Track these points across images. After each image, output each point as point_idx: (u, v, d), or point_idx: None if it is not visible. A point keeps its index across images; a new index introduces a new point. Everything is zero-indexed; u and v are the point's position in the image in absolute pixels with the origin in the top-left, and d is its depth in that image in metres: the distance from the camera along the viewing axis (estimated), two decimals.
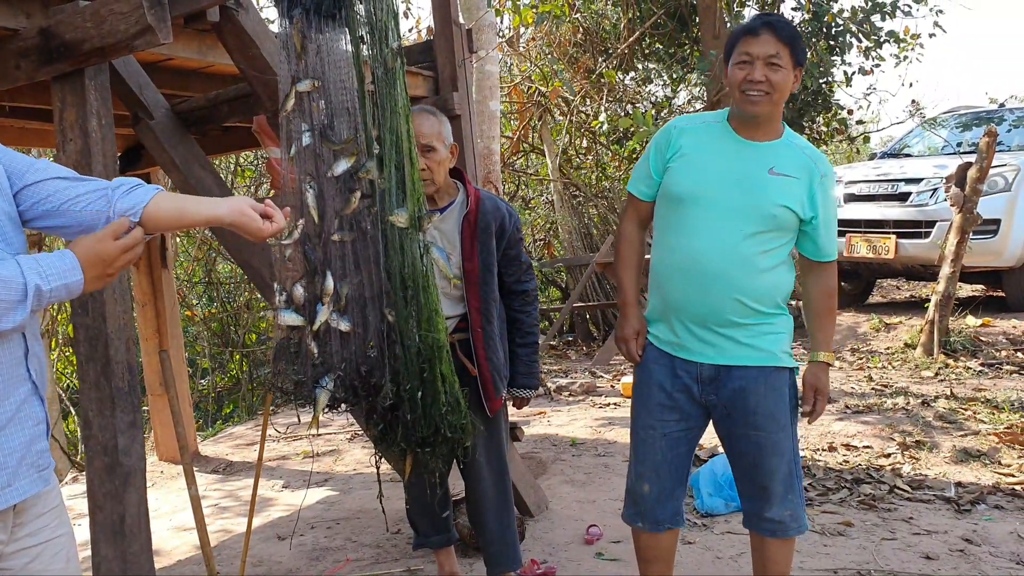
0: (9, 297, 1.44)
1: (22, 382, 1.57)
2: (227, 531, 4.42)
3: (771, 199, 2.40)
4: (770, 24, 2.38)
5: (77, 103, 2.91)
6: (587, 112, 11.30)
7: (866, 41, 9.95)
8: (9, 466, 1.52)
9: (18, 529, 1.56)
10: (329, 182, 2.37)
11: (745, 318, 2.45)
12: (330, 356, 2.32)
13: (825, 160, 2.51)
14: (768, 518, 2.54)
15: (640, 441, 2.62)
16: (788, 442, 2.51)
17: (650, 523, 2.63)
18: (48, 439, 1.65)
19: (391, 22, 2.41)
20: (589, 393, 6.76)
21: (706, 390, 2.51)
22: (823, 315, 2.59)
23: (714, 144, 2.49)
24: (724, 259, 2.41)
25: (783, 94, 2.39)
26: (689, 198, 2.46)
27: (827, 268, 2.56)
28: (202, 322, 10.56)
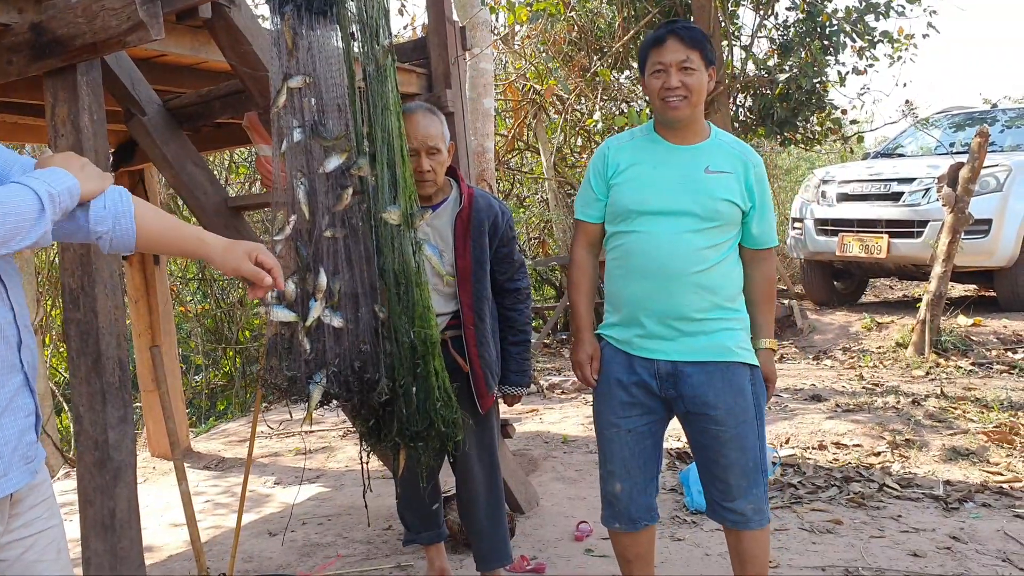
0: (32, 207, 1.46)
1: (15, 372, 1.57)
2: (219, 527, 4.43)
3: (712, 195, 2.49)
4: (674, 31, 2.49)
5: (69, 99, 2.91)
6: (582, 110, 11.30)
7: (860, 41, 9.95)
8: (4, 456, 1.53)
9: (13, 520, 1.58)
10: (320, 178, 2.38)
11: (702, 313, 2.50)
12: (323, 352, 2.33)
13: (753, 152, 2.62)
14: (730, 509, 2.57)
15: (606, 440, 2.65)
16: (750, 437, 2.54)
17: (626, 522, 2.65)
18: (39, 431, 1.65)
19: (382, 19, 2.42)
20: (581, 391, 6.76)
21: (665, 385, 2.55)
22: (764, 302, 2.66)
23: (649, 155, 2.59)
24: (678, 256, 2.49)
25: (700, 95, 2.50)
26: (636, 208, 2.55)
27: (766, 256, 2.65)
28: (195, 319, 10.56)
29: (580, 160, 11.96)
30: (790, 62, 10.03)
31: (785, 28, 10.54)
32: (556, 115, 11.22)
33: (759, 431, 2.55)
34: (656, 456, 2.66)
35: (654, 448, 2.64)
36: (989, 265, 7.53)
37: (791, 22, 10.48)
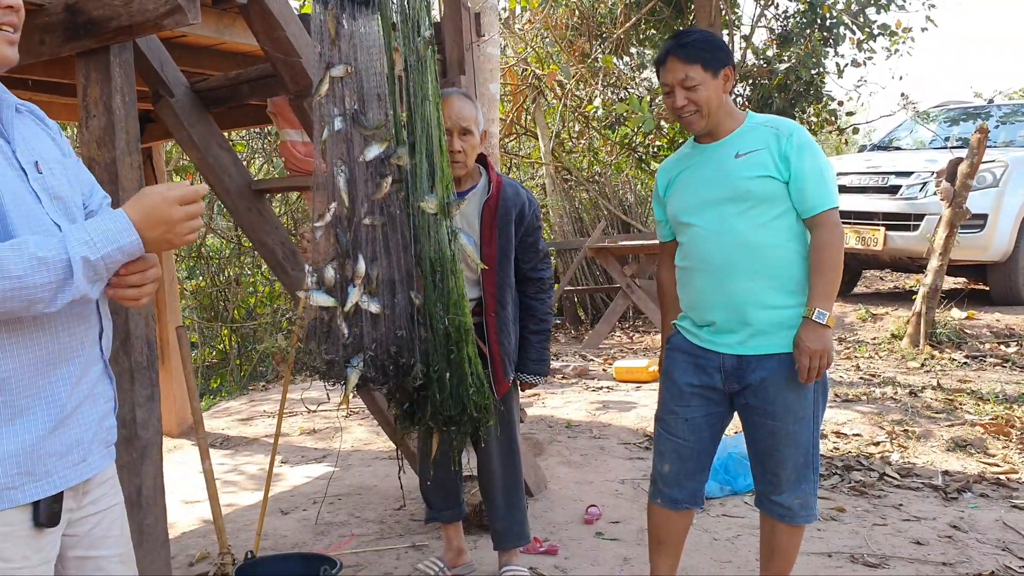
0: (52, 278, 1.37)
1: (96, 361, 1.61)
2: (230, 505, 4.48)
3: (740, 175, 2.52)
4: (672, 50, 2.55)
5: (101, 80, 2.93)
6: (581, 96, 11.32)
7: (859, 33, 10.04)
8: (85, 441, 1.58)
9: (83, 497, 1.62)
10: (360, 167, 2.42)
11: (764, 301, 2.52)
12: (360, 337, 2.38)
13: (788, 123, 2.58)
14: (777, 502, 2.63)
15: (664, 425, 2.72)
16: (805, 434, 2.56)
17: (668, 501, 2.73)
18: (115, 415, 1.70)
19: (423, 11, 2.45)
20: (582, 376, 6.85)
21: (729, 379, 2.60)
22: (816, 270, 2.51)
23: (689, 163, 2.68)
24: (727, 249, 2.53)
25: (712, 104, 2.55)
26: (682, 213, 2.64)
27: (816, 222, 2.52)
28: (191, 296, 10.56)
29: (578, 146, 12.00)
30: (789, 53, 10.10)
31: (785, 19, 10.60)
32: (555, 100, 11.24)
33: (814, 428, 2.58)
34: (711, 448, 2.72)
35: (711, 440, 2.70)
36: (983, 259, 7.64)
37: (791, 13, 10.55)
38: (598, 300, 10.15)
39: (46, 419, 1.50)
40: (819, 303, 2.47)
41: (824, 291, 2.49)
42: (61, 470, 1.53)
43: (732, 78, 2.59)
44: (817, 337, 2.45)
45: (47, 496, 1.50)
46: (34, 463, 1.48)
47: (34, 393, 1.48)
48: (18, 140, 1.56)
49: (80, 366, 1.56)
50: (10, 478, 1.45)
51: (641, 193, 11.48)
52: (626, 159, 11.46)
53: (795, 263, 2.53)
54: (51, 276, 1.37)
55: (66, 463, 1.54)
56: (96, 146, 2.95)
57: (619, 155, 11.56)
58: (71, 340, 1.54)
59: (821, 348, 2.44)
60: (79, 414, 1.56)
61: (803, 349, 2.45)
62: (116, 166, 2.87)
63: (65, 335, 1.52)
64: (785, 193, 2.51)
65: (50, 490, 1.51)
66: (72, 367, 1.54)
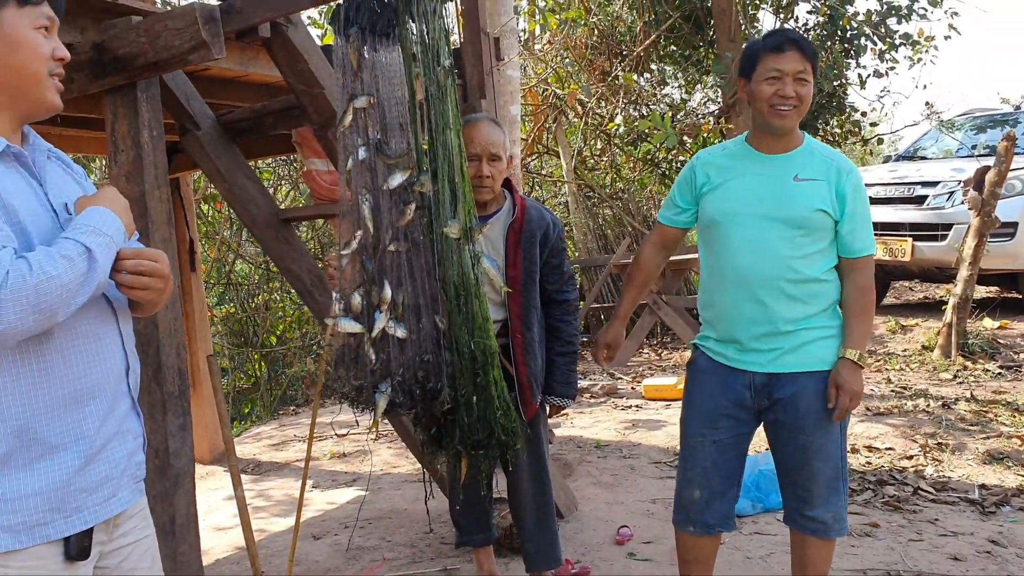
0: (82, 268, 1.44)
1: (124, 397, 1.65)
2: (262, 531, 4.51)
3: (799, 203, 2.51)
4: (795, 41, 2.52)
5: (129, 115, 2.99)
6: (602, 114, 11.36)
7: (881, 44, 9.99)
8: (114, 477, 1.61)
9: (114, 530, 1.66)
10: (384, 195, 2.45)
11: (794, 324, 2.54)
12: (387, 362, 2.41)
13: (847, 160, 2.60)
14: (810, 516, 2.61)
15: (690, 448, 2.70)
16: (834, 447, 2.57)
17: (700, 527, 2.71)
18: (145, 451, 1.74)
19: (443, 41, 2.49)
20: (610, 395, 6.83)
21: (759, 396, 2.60)
22: (855, 313, 2.56)
23: (739, 165, 2.64)
24: (767, 268, 2.53)
25: (807, 107, 2.54)
26: (725, 219, 2.61)
27: (858, 264, 2.56)
28: (222, 322, 10.67)
29: (600, 163, 12.02)
30: None
31: (805, 31, 10.57)
32: (576, 119, 11.28)
33: (843, 441, 2.58)
34: (739, 467, 2.72)
35: (738, 459, 2.70)
36: (1015, 268, 7.55)
37: (811, 25, 10.52)
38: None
39: (76, 456, 1.54)
40: (860, 345, 2.54)
41: (865, 332, 2.57)
42: (91, 506, 1.56)
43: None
44: (856, 378, 2.52)
45: (77, 532, 1.54)
46: (64, 499, 1.52)
47: (64, 430, 1.52)
48: (49, 183, 1.62)
49: (107, 403, 1.60)
50: (41, 514, 1.49)
51: None
52: (649, 175, 11.46)
53: (831, 293, 2.58)
54: (80, 267, 1.44)
55: (96, 499, 1.58)
56: (125, 180, 3.01)
57: (642, 171, 11.57)
58: (98, 377, 1.58)
59: (859, 389, 2.52)
60: (108, 450, 1.60)
61: (845, 390, 2.50)
62: (145, 200, 2.92)
63: (92, 372, 1.56)
64: (832, 229, 2.54)
65: (80, 526, 1.54)
66: (100, 404, 1.58)
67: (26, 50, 1.53)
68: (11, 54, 1.52)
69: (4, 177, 1.51)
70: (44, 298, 1.39)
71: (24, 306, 1.37)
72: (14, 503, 1.47)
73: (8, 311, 1.36)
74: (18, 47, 1.52)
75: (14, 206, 1.49)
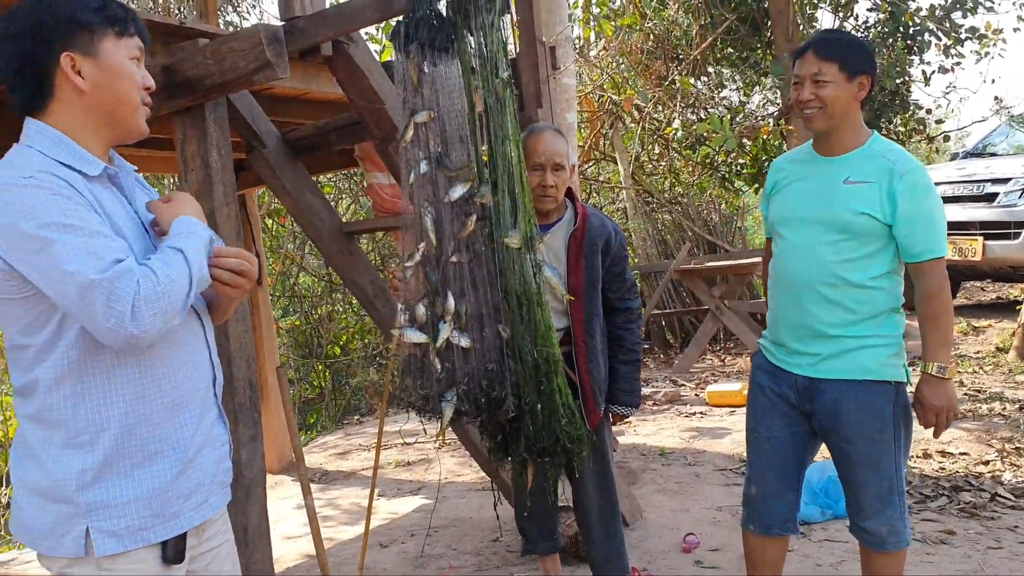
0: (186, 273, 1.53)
1: (212, 406, 1.73)
2: (330, 539, 4.58)
3: (844, 206, 2.46)
4: (813, 43, 2.51)
5: (198, 136, 3.09)
6: (660, 119, 11.30)
7: (946, 39, 9.75)
8: (205, 483, 1.69)
9: (202, 534, 1.74)
10: (446, 207, 2.49)
11: (837, 329, 2.50)
12: (452, 371, 2.44)
13: (908, 159, 2.47)
14: (864, 528, 2.58)
15: (748, 444, 2.76)
16: (885, 457, 2.50)
17: (759, 526, 2.72)
18: (231, 458, 1.81)
19: (501, 54, 2.51)
20: (673, 402, 6.78)
21: (802, 399, 2.59)
22: (922, 321, 2.47)
23: (800, 170, 2.64)
24: (809, 272, 2.52)
25: (838, 106, 2.47)
26: (779, 223, 2.64)
27: (922, 269, 2.45)
28: (287, 334, 10.88)
29: (658, 168, 11.95)
30: None
31: (866, 29, 10.38)
32: (633, 124, 11.24)
33: (897, 452, 2.51)
34: (796, 468, 2.69)
35: (795, 460, 2.67)
36: None
37: (871, 23, 10.33)
38: (687, 323, 10.03)
39: (173, 463, 1.62)
40: (937, 356, 2.42)
41: (940, 341, 2.43)
42: (186, 511, 1.64)
43: (868, 88, 2.50)
44: (939, 392, 2.42)
45: (174, 536, 1.61)
46: (164, 504, 1.60)
47: (163, 438, 1.60)
48: (138, 203, 1.71)
49: (198, 412, 1.67)
50: (143, 519, 1.58)
51: (726, 212, 11.35)
52: (708, 179, 11.35)
53: (878, 300, 2.49)
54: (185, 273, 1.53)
55: (190, 504, 1.65)
56: (195, 199, 3.11)
57: (701, 175, 11.47)
58: (190, 387, 1.65)
59: (945, 404, 2.41)
60: (200, 458, 1.67)
61: (927, 407, 2.43)
62: (215, 217, 3.01)
63: (185, 382, 1.64)
64: (884, 233, 2.45)
65: (177, 530, 1.62)
66: (192, 413, 1.66)
67: (125, 79, 1.62)
68: (113, 83, 1.60)
69: (104, 196, 1.60)
70: (169, 301, 1.48)
71: (156, 310, 1.46)
72: (119, 508, 1.56)
73: (144, 315, 1.44)
74: (118, 76, 1.61)
75: (118, 224, 1.58)
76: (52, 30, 1.56)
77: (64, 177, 1.51)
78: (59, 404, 1.55)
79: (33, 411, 1.57)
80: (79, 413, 1.54)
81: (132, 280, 1.44)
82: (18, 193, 1.46)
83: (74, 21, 1.57)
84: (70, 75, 1.57)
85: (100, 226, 1.50)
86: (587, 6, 10.22)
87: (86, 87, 1.58)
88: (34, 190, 1.46)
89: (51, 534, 1.56)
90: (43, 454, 1.56)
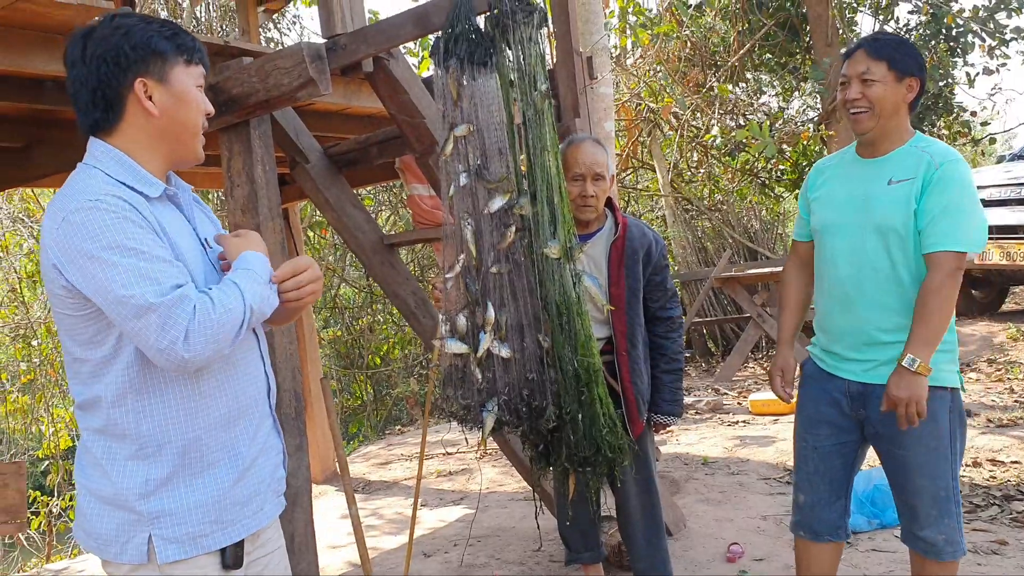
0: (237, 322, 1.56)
1: (267, 416, 1.78)
2: (374, 548, 4.62)
3: (890, 208, 2.43)
4: (863, 43, 2.48)
5: (243, 152, 3.15)
6: (698, 126, 11.25)
7: (990, 40, 9.60)
8: (261, 491, 1.74)
9: (256, 540, 1.78)
10: (485, 218, 2.51)
11: (890, 335, 2.46)
12: (493, 381, 2.46)
13: (948, 151, 2.41)
14: (921, 537, 2.53)
15: (797, 451, 2.74)
16: (941, 465, 2.46)
17: (808, 532, 2.71)
18: (286, 466, 1.85)
19: (539, 66, 2.54)
20: (716, 411, 6.74)
21: (855, 405, 2.56)
22: (918, 314, 2.36)
23: (843, 173, 2.61)
24: (860, 277, 2.49)
25: (886, 106, 2.43)
26: (824, 228, 2.60)
27: (931, 260, 2.35)
28: (329, 345, 11.00)
29: (697, 175, 11.91)
30: None
31: (907, 31, 10.26)
32: (671, 132, 11.21)
33: (953, 459, 2.47)
34: (845, 476, 2.67)
35: (843, 468, 2.65)
36: None
37: (913, 25, 10.20)
38: (728, 331, 9.97)
39: (231, 471, 1.67)
40: (914, 349, 2.33)
41: (924, 337, 2.34)
42: (243, 519, 1.69)
43: (916, 92, 2.46)
44: (905, 384, 2.33)
45: (233, 543, 1.66)
46: (222, 512, 1.65)
47: (221, 448, 1.65)
48: (196, 221, 1.77)
49: (255, 422, 1.72)
50: (203, 526, 1.63)
51: (766, 218, 11.26)
52: (748, 185, 11.28)
53: None
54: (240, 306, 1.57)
55: (247, 512, 1.70)
56: (241, 213, 3.17)
57: (741, 182, 11.39)
58: (247, 398, 1.70)
59: (907, 396, 2.32)
60: (256, 466, 1.72)
61: (887, 396, 2.37)
62: (260, 231, 3.07)
63: (243, 394, 1.69)
64: None
65: (235, 537, 1.67)
66: (249, 423, 1.71)
67: (191, 105, 1.68)
68: (180, 108, 1.66)
69: (165, 216, 1.65)
70: (223, 330, 1.53)
71: (208, 337, 1.50)
72: (180, 516, 1.61)
73: (196, 341, 1.49)
74: (186, 102, 1.67)
75: (179, 244, 1.63)
76: (128, 56, 1.62)
77: (128, 199, 1.56)
78: (123, 419, 1.60)
79: (99, 425, 1.63)
80: (142, 428, 1.60)
81: (189, 306, 1.49)
82: (84, 216, 1.51)
83: (149, 48, 1.63)
84: (142, 99, 1.63)
85: (161, 250, 1.55)
86: (623, 15, 10.22)
87: (156, 111, 1.64)
88: (100, 213, 1.51)
89: (115, 540, 1.61)
90: (108, 464, 1.62)
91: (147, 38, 1.63)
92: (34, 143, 4.10)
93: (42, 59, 3.13)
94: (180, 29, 1.70)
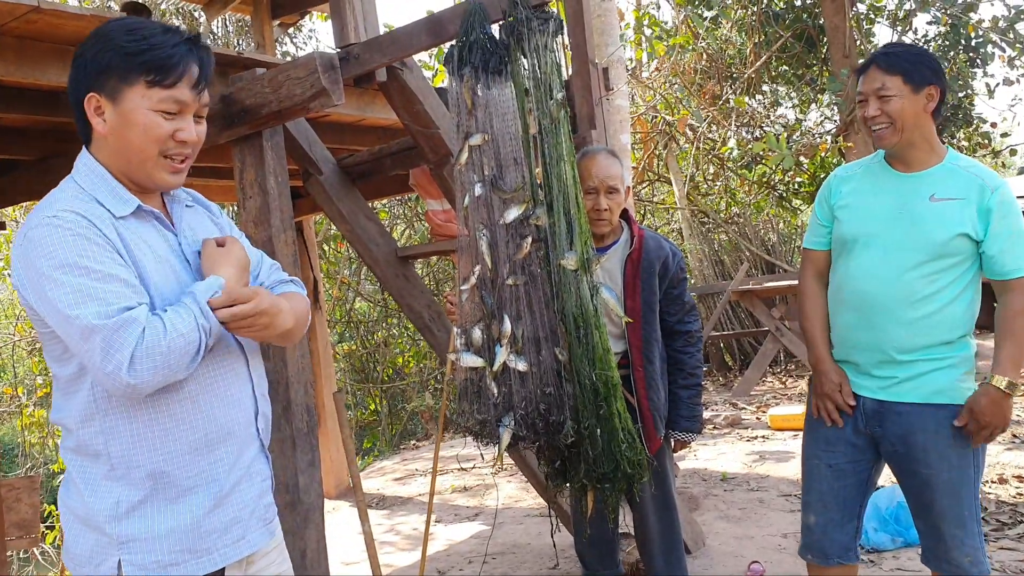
0: (192, 345, 1.49)
1: (252, 440, 1.71)
2: (388, 565, 4.57)
3: (936, 227, 2.35)
4: (875, 58, 2.43)
5: (256, 163, 3.12)
6: (714, 138, 11.19)
7: (1010, 50, 9.50)
8: (243, 519, 1.66)
9: (248, 567, 1.70)
10: (501, 229, 2.47)
11: (909, 355, 2.40)
12: (510, 395, 2.41)
13: (994, 175, 2.40)
14: (946, 559, 2.45)
15: (807, 471, 2.65)
16: (966, 484, 2.40)
17: (818, 555, 2.60)
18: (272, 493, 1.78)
19: (555, 75, 2.50)
20: (734, 426, 6.65)
21: (870, 423, 2.49)
22: (1005, 335, 2.36)
23: (874, 184, 2.52)
24: (886, 294, 2.41)
25: (907, 120, 2.37)
26: (854, 239, 2.50)
27: (1011, 286, 2.36)
28: (343, 359, 10.97)
29: (713, 188, 11.84)
30: None
31: (926, 42, 10.19)
32: (687, 144, 11.16)
33: (976, 477, 2.41)
34: (858, 496, 2.58)
35: (856, 487, 2.57)
36: None
37: (931, 36, 10.13)
38: (745, 345, 9.87)
39: (206, 498, 1.59)
40: (1008, 371, 2.32)
41: (1013, 357, 2.33)
42: (221, 548, 1.61)
43: (938, 100, 2.40)
44: (999, 409, 2.32)
45: (208, 573, 1.59)
46: (197, 540, 1.58)
47: (195, 474, 1.58)
48: (186, 231, 1.70)
49: (236, 447, 1.65)
50: (174, 555, 1.55)
51: (784, 231, 11.17)
52: (765, 198, 11.20)
53: (958, 318, 2.39)
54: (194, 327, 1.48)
55: (226, 540, 1.62)
56: (253, 225, 3.14)
57: (758, 194, 11.31)
58: (227, 422, 1.63)
59: (1000, 423, 2.32)
60: (237, 493, 1.65)
61: (976, 415, 2.33)
62: (272, 243, 3.04)
63: (223, 417, 1.63)
64: (972, 252, 2.37)
65: (210, 567, 1.59)
66: (229, 448, 1.64)
67: (137, 129, 1.56)
68: (125, 131, 1.56)
69: (137, 232, 1.58)
70: (172, 356, 1.45)
71: (157, 363, 1.44)
72: (149, 543, 1.54)
73: (143, 367, 1.43)
74: (131, 126, 1.56)
75: (143, 262, 1.56)
76: (86, 68, 1.57)
77: (87, 215, 1.50)
78: (93, 439, 1.55)
79: (72, 444, 1.59)
80: (111, 449, 1.54)
81: (136, 330, 1.42)
82: (41, 232, 1.47)
83: (102, 64, 1.55)
84: (91, 115, 1.58)
85: (117, 268, 1.49)
86: (639, 27, 10.20)
87: (103, 129, 1.58)
88: (55, 230, 1.47)
89: (88, 562, 1.56)
90: (82, 483, 1.57)
91: (103, 52, 1.55)
92: (50, 156, 4.10)
93: (56, 71, 3.12)
94: (161, 48, 1.55)
